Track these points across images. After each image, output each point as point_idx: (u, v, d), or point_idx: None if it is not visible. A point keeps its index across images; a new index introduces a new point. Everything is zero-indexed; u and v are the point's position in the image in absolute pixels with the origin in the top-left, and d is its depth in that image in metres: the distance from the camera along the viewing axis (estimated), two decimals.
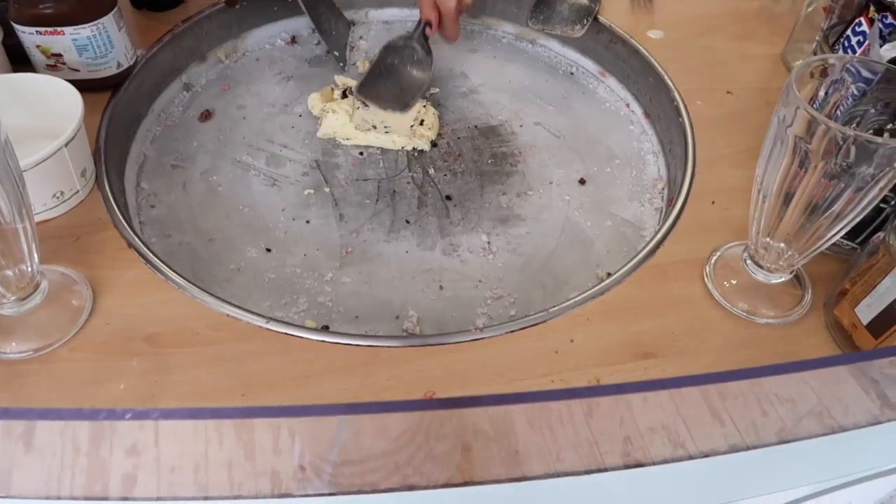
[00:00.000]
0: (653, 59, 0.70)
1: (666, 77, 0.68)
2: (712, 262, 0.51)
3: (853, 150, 0.39)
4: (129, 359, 0.44)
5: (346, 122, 0.66)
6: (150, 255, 0.50)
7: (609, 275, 0.56)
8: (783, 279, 0.48)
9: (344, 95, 0.69)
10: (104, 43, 0.58)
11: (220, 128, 0.68)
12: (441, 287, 0.56)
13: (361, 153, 0.66)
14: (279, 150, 0.66)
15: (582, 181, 0.65)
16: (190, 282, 0.49)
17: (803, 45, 0.71)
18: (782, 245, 0.46)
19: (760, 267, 0.48)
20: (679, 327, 0.47)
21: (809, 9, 0.69)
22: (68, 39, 0.57)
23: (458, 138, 0.68)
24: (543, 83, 0.75)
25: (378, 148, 0.67)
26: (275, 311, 0.54)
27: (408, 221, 0.61)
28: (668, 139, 0.67)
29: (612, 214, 0.62)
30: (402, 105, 0.68)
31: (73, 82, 0.60)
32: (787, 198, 0.44)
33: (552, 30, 0.73)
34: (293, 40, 0.78)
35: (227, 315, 0.47)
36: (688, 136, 0.63)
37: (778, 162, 0.42)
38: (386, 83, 0.69)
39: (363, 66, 0.75)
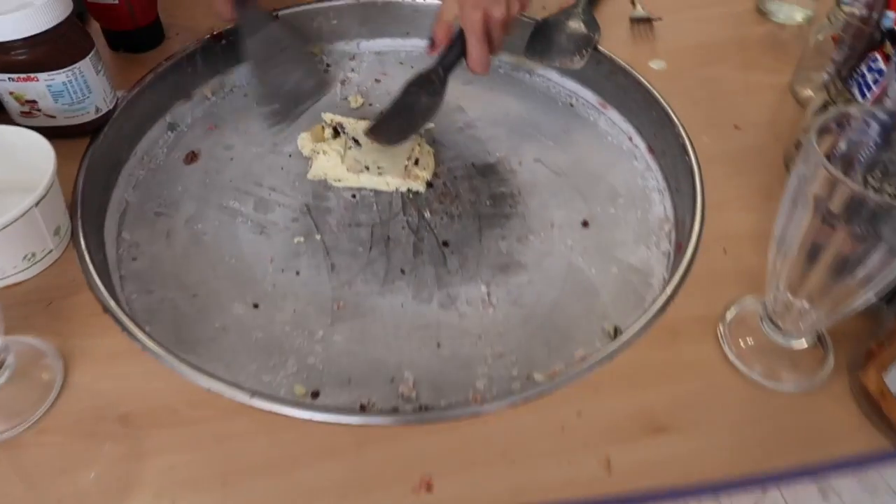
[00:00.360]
0: (655, 92, 0.67)
1: (670, 111, 0.65)
2: (727, 319, 0.48)
3: (878, 214, 0.36)
4: (102, 442, 0.40)
5: (338, 164, 0.63)
6: (127, 320, 0.47)
7: (616, 329, 0.54)
8: (804, 345, 0.45)
9: (336, 134, 0.66)
10: (81, 88, 0.55)
11: (207, 170, 0.65)
12: (439, 345, 0.53)
13: (354, 195, 0.63)
14: (268, 193, 0.63)
15: (585, 223, 0.62)
16: (169, 350, 0.45)
17: (811, 73, 0.68)
18: (806, 305, 0.43)
19: (779, 328, 0.45)
20: (693, 396, 0.44)
21: (819, 36, 0.66)
22: (42, 86, 0.54)
23: (455, 177, 0.65)
24: (542, 115, 0.72)
25: (371, 190, 0.64)
26: (262, 374, 0.50)
27: (403, 271, 0.58)
28: (673, 176, 0.64)
29: (618, 260, 0.59)
30: (395, 139, 0.63)
31: (50, 129, 0.57)
32: (812, 253, 0.41)
33: (550, 62, 0.70)
34: None
35: (208, 390, 0.43)
36: (695, 175, 0.60)
37: (800, 221, 0.39)
38: (394, 122, 0.63)
39: (355, 102, 0.72)
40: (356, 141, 0.65)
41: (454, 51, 0.61)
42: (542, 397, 0.44)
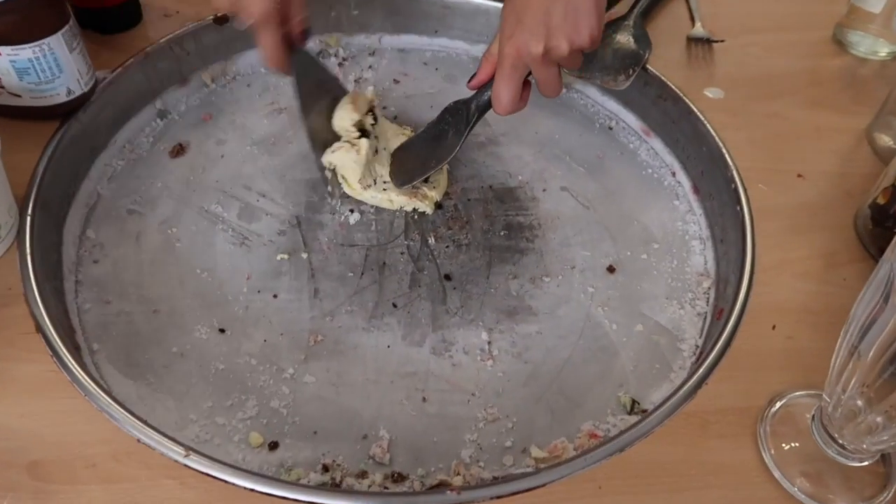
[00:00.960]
0: (708, 125, 0.58)
1: (723, 148, 0.56)
2: (769, 416, 0.40)
3: None
4: (2, 496, 0.34)
5: (356, 167, 0.55)
6: (59, 344, 0.40)
7: (634, 403, 0.46)
8: (864, 464, 0.36)
9: (362, 134, 0.57)
10: (50, 66, 0.49)
11: (192, 166, 0.58)
12: (424, 399, 0.46)
13: (352, 210, 0.56)
14: (256, 199, 0.56)
15: (611, 269, 0.54)
16: (100, 386, 0.39)
17: (893, 120, 0.59)
18: (879, 419, 0.34)
19: (834, 441, 0.36)
20: None
21: None
22: (6, 60, 0.47)
23: (469, 200, 0.58)
24: (576, 137, 0.64)
25: (373, 207, 0.57)
26: (216, 415, 0.44)
27: (395, 305, 0.51)
28: (719, 225, 0.55)
29: (645, 316, 0.51)
30: (400, 182, 0.55)
31: (14, 109, 0.51)
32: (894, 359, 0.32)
33: (591, 78, 0.61)
34: None
35: (138, 441, 0.36)
36: (746, 228, 0.51)
37: (886, 319, 0.31)
38: (417, 150, 0.57)
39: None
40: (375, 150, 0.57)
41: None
42: (533, 490, 0.37)
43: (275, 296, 0.50)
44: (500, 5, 0.68)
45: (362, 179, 0.55)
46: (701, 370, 0.42)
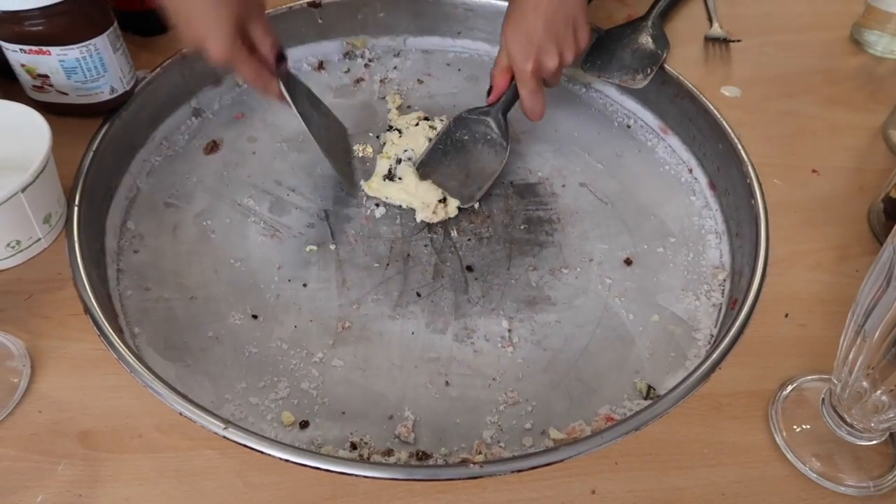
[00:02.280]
0: (724, 122, 0.59)
1: (739, 145, 0.58)
2: (780, 399, 0.41)
3: None
4: (56, 462, 0.36)
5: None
6: (106, 325, 0.42)
7: (650, 389, 0.47)
8: (872, 442, 0.38)
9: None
10: (96, 66, 0.52)
11: (226, 162, 0.61)
12: (447, 383, 0.48)
13: (378, 204, 0.58)
14: (286, 194, 0.59)
15: (628, 261, 0.55)
16: (145, 364, 0.41)
17: None
18: (884, 398, 0.35)
19: (844, 421, 0.38)
20: (731, 486, 0.38)
21: None
22: (55, 60, 0.50)
23: (490, 195, 0.60)
24: (595, 135, 0.66)
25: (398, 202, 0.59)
26: (250, 395, 0.46)
27: (419, 294, 0.53)
28: (735, 220, 0.56)
29: (661, 307, 0.52)
30: (468, 197, 0.58)
31: (61, 107, 0.54)
32: None
33: (610, 78, 0.63)
34: (321, 66, 0.70)
35: (181, 414, 0.39)
36: (760, 223, 0.52)
37: (889, 301, 0.32)
38: (451, 163, 0.59)
39: (393, 102, 0.67)
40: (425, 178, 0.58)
41: (510, 93, 0.58)
42: (553, 466, 0.38)
43: (304, 285, 0.53)
44: None
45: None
46: (715, 355, 0.44)
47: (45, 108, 0.52)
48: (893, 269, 0.32)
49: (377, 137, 0.63)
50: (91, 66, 0.51)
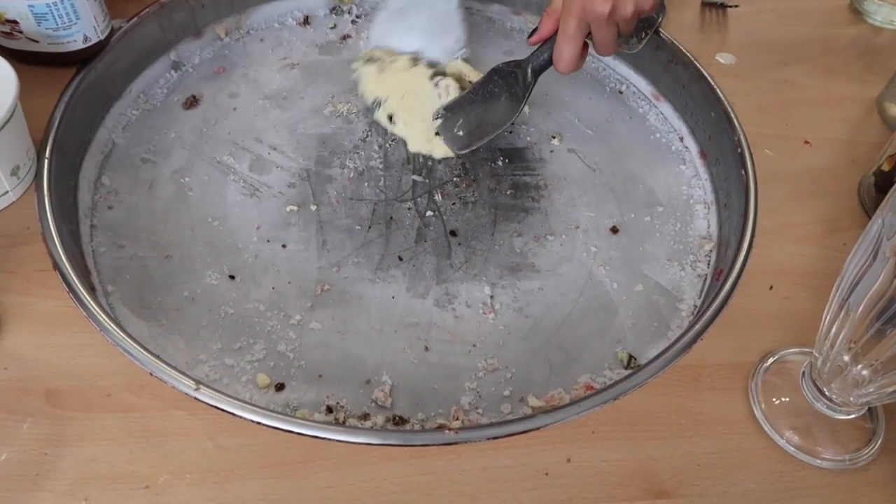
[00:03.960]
0: (718, 90, 0.58)
1: (731, 113, 0.56)
2: (761, 371, 0.41)
3: None
4: (21, 420, 0.36)
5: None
6: (75, 282, 0.41)
7: (631, 358, 0.47)
8: (851, 416, 0.37)
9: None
10: (67, 13, 0.50)
11: (205, 118, 0.59)
12: (426, 348, 0.47)
13: (360, 172, 0.57)
14: (267, 152, 0.57)
15: (614, 229, 0.55)
16: (116, 322, 0.40)
17: None
18: (865, 372, 0.35)
19: (822, 394, 0.38)
20: (707, 457, 0.37)
21: None
22: (24, 5, 0.48)
23: (476, 159, 0.58)
24: (586, 100, 0.64)
25: (381, 162, 0.57)
26: (225, 356, 0.45)
27: (400, 258, 0.52)
28: (724, 190, 0.55)
29: (645, 277, 0.52)
30: (462, 145, 0.56)
31: (32, 55, 0.52)
32: (882, 314, 0.33)
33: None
34: (306, 21, 0.68)
35: (151, 374, 0.38)
36: (750, 193, 0.52)
37: (874, 275, 0.32)
38: (470, 111, 0.56)
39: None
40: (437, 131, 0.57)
41: (549, 51, 0.53)
42: (529, 433, 0.38)
43: (283, 246, 0.52)
44: None
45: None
46: (697, 326, 0.43)
47: (15, 56, 0.50)
48: (881, 243, 0.31)
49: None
50: (63, 12, 0.49)
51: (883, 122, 0.58)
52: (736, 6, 0.67)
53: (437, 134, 0.57)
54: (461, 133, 0.56)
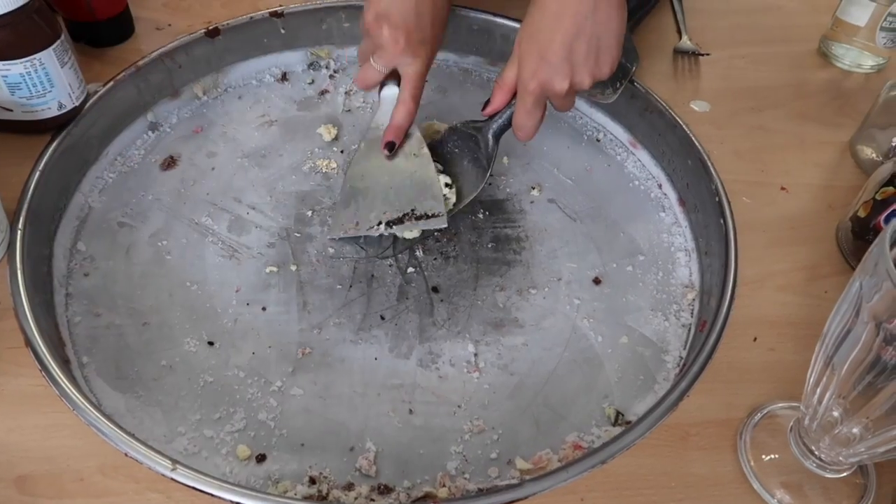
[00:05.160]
0: (693, 137, 0.59)
1: (708, 161, 0.57)
2: (749, 427, 0.41)
3: None
4: None
5: None
6: (48, 359, 0.40)
7: (619, 414, 0.46)
8: (841, 475, 0.37)
9: None
10: (41, 81, 0.49)
11: (183, 178, 0.59)
12: (411, 411, 0.46)
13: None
14: (246, 212, 0.57)
15: (597, 280, 0.54)
16: (89, 401, 0.39)
17: (876, 132, 0.59)
18: (855, 430, 0.35)
19: (811, 453, 0.37)
20: None
21: (891, 93, 0.57)
22: None
23: (457, 211, 0.58)
24: (564, 149, 0.65)
25: None
26: (204, 427, 0.44)
27: (382, 317, 0.51)
28: (704, 237, 0.56)
29: (630, 328, 0.51)
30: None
31: (6, 123, 0.52)
32: (871, 369, 0.33)
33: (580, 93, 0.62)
34: (284, 77, 0.68)
35: (126, 454, 0.37)
36: (730, 242, 0.52)
37: (858, 334, 0.32)
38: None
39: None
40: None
41: (507, 114, 0.53)
42: (517, 503, 0.37)
43: (263, 308, 0.51)
44: (490, 17, 0.69)
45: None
46: (683, 383, 0.43)
47: None
48: (861, 302, 0.31)
49: (341, 152, 0.62)
50: (37, 81, 0.49)
51: (857, 164, 0.59)
52: (708, 54, 0.68)
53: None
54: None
